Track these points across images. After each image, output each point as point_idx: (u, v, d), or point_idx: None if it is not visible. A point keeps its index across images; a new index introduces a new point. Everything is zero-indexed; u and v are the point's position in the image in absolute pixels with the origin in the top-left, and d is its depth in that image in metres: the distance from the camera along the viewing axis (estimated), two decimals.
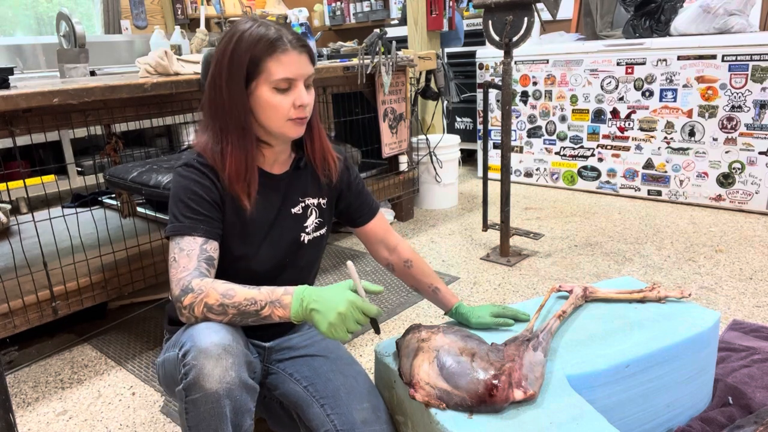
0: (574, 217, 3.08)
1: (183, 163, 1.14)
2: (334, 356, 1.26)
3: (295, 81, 1.09)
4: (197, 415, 0.94)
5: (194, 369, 0.93)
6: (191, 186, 1.11)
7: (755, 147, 2.89)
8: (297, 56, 1.08)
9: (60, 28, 2.39)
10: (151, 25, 5.18)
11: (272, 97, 1.08)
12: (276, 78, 1.07)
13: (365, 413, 1.13)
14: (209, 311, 1.00)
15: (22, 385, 1.82)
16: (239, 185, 1.12)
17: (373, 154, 3.04)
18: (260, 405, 1.33)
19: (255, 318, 1.00)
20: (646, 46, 3.12)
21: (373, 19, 4.95)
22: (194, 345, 0.95)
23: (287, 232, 1.22)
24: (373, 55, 2.68)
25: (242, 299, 0.99)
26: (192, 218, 1.09)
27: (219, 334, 0.97)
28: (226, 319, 1.00)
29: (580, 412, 1.03)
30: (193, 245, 1.07)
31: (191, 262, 1.05)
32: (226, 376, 0.94)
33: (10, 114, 1.70)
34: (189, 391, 0.94)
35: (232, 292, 1.00)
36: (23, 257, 1.93)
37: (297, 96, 1.09)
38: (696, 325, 1.29)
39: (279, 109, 1.09)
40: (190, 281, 1.01)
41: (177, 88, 1.95)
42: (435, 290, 1.36)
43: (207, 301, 0.99)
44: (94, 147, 3.94)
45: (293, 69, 1.08)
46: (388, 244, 1.37)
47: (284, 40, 1.08)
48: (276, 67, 1.07)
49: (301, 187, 1.24)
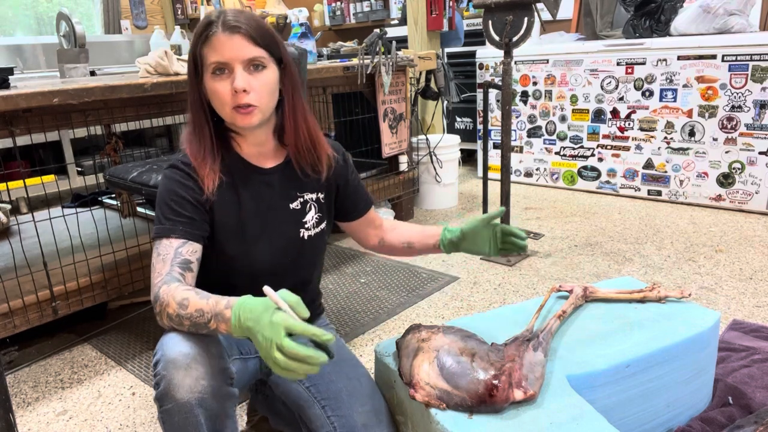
0: (574, 217, 3.08)
1: (169, 164, 1.14)
2: (338, 357, 1.25)
3: (229, 64, 1.05)
4: (172, 425, 0.94)
5: (164, 380, 0.93)
6: (174, 187, 1.10)
7: (755, 147, 2.89)
8: (227, 38, 1.04)
9: (60, 28, 2.39)
10: (151, 25, 5.18)
11: (211, 84, 1.06)
12: (208, 62, 1.05)
13: (366, 416, 1.12)
14: (170, 320, 0.98)
15: (22, 385, 1.82)
16: (198, 165, 1.11)
17: (373, 154, 3.03)
18: (263, 404, 1.33)
19: (207, 330, 0.95)
20: (646, 46, 3.12)
21: (373, 19, 4.95)
22: (164, 355, 0.95)
23: (286, 229, 1.20)
24: (373, 55, 2.68)
25: (193, 310, 0.94)
26: (172, 220, 1.08)
27: (188, 344, 0.95)
28: (184, 329, 0.97)
29: (580, 412, 1.03)
30: (169, 249, 1.05)
31: (165, 267, 1.03)
32: (197, 385, 0.92)
33: (10, 114, 1.70)
34: (161, 401, 0.94)
35: (186, 302, 0.95)
36: (23, 257, 1.93)
37: (232, 81, 1.04)
38: (696, 325, 1.29)
39: (219, 96, 1.06)
40: (160, 288, 1.00)
41: (177, 88, 1.95)
42: (423, 231, 1.33)
43: (168, 310, 0.97)
44: (94, 147, 3.94)
45: (224, 52, 1.04)
46: (374, 222, 1.38)
47: (217, 23, 1.05)
48: (208, 52, 1.05)
49: (297, 181, 1.22)
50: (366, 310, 2.17)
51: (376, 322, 2.07)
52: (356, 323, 2.07)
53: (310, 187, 1.24)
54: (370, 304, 2.21)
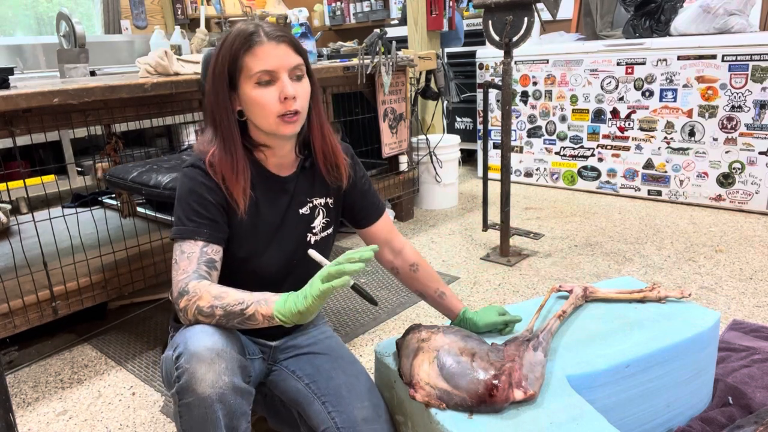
0: (574, 217, 3.08)
1: (190, 163, 1.13)
2: (336, 355, 1.26)
3: (276, 72, 1.06)
4: (190, 419, 0.94)
5: (186, 373, 0.93)
6: (196, 188, 1.10)
7: (755, 147, 2.89)
8: (274, 47, 1.05)
9: (60, 28, 2.39)
10: (151, 25, 5.18)
11: (256, 93, 1.06)
12: (254, 72, 1.05)
13: (366, 411, 1.13)
14: (199, 314, 0.99)
15: (22, 385, 1.82)
16: (231, 185, 1.11)
17: (373, 154, 3.04)
18: (262, 403, 1.33)
19: (240, 318, 0.98)
20: (646, 46, 3.12)
21: (373, 19, 4.95)
22: (187, 348, 0.95)
23: (294, 233, 1.22)
24: (373, 55, 2.68)
25: (232, 300, 0.98)
26: (196, 221, 1.08)
27: (212, 338, 0.96)
28: (213, 321, 0.99)
29: (580, 412, 1.03)
30: (194, 248, 1.07)
31: (191, 265, 1.04)
32: (219, 380, 0.93)
33: (10, 114, 1.70)
34: (182, 394, 0.94)
35: (225, 294, 0.98)
36: (23, 257, 1.93)
37: (281, 88, 1.06)
38: (696, 325, 1.29)
39: (265, 105, 1.06)
40: (187, 284, 1.01)
41: (177, 88, 1.95)
42: (441, 295, 1.33)
43: (199, 303, 0.99)
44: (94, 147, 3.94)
45: (271, 60, 1.05)
46: (393, 246, 1.34)
47: (259, 33, 1.06)
48: (252, 62, 1.05)
49: (308, 188, 1.23)
50: (366, 310, 2.17)
51: (376, 322, 2.07)
52: (356, 323, 2.07)
53: (320, 192, 1.25)
54: (370, 304, 2.21)
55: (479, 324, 1.29)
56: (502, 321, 1.29)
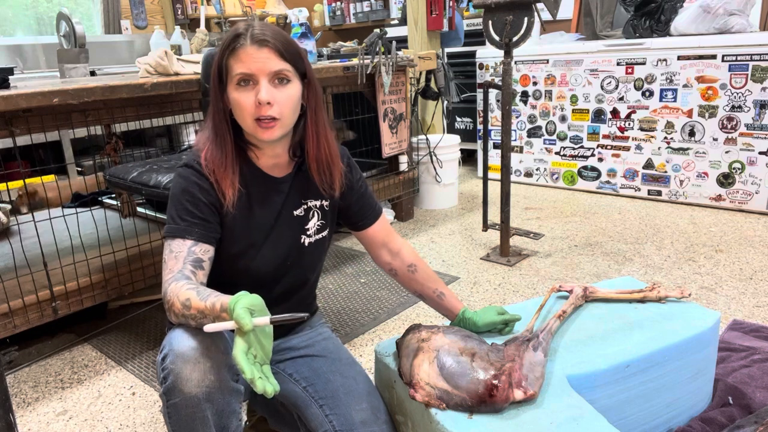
0: (574, 217, 3.08)
1: (184, 163, 1.14)
2: (334, 357, 1.26)
3: (255, 76, 1.05)
4: (179, 419, 0.94)
5: (172, 373, 0.93)
6: (189, 187, 1.11)
7: (755, 147, 2.89)
8: (255, 50, 1.05)
9: (60, 28, 2.39)
10: (151, 25, 5.18)
11: (235, 95, 1.07)
12: (234, 74, 1.06)
13: (364, 414, 1.13)
14: (176, 317, 0.99)
15: (22, 385, 1.82)
16: (220, 177, 1.11)
17: (373, 154, 3.04)
18: (261, 404, 1.33)
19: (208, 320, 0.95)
20: (646, 46, 3.12)
21: (373, 19, 4.95)
22: (172, 349, 0.95)
23: (288, 234, 1.22)
24: (373, 55, 2.68)
25: (195, 311, 0.95)
26: (188, 221, 1.09)
27: (196, 338, 0.95)
28: (192, 325, 0.97)
29: (580, 412, 1.03)
30: (182, 247, 1.07)
31: (177, 264, 1.04)
32: (205, 379, 0.93)
33: (10, 114, 1.70)
34: (169, 395, 0.94)
35: (189, 303, 0.96)
36: (23, 257, 1.93)
37: (257, 93, 1.05)
38: (696, 325, 1.29)
39: (243, 108, 1.07)
40: (169, 285, 1.01)
41: (177, 88, 1.95)
42: (440, 295, 1.33)
43: (174, 309, 0.98)
44: (94, 147, 3.94)
45: (250, 64, 1.05)
46: (391, 248, 1.34)
47: (245, 35, 1.06)
48: (235, 63, 1.06)
49: (303, 189, 1.23)
50: (366, 310, 2.17)
51: (376, 322, 2.07)
52: (356, 323, 2.07)
53: (315, 194, 1.25)
54: (370, 304, 2.21)
55: (479, 324, 1.28)
56: (502, 321, 1.28)
